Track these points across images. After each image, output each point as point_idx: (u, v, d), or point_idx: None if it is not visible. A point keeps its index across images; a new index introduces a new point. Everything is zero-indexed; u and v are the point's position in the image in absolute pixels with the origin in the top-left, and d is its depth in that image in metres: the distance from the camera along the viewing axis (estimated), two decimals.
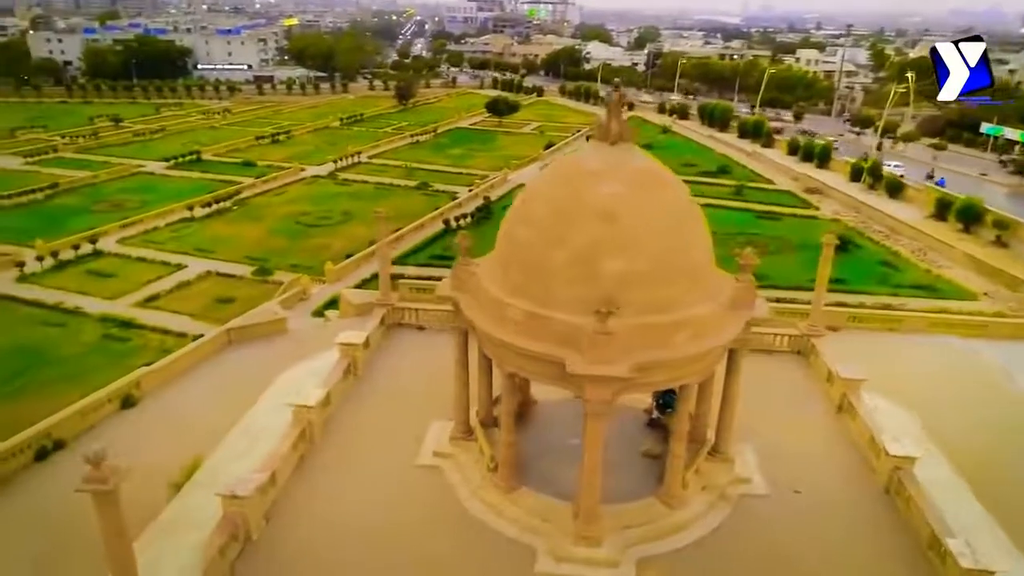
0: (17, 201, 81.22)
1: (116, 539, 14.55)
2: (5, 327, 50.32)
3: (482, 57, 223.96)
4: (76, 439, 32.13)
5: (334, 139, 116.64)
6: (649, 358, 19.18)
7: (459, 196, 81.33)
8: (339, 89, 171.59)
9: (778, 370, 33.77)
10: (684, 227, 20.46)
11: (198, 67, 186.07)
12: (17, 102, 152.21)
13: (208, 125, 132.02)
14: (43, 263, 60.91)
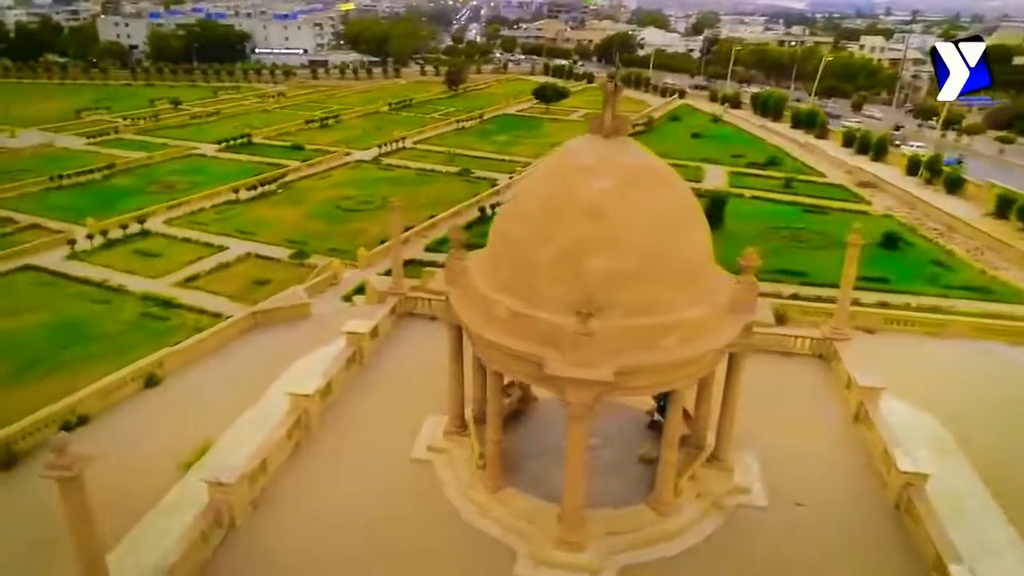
0: (76, 180, 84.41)
1: (81, 524, 14.85)
2: (53, 302, 52.43)
3: (535, 43, 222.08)
4: (100, 415, 33.13)
5: (382, 124, 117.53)
6: (634, 361, 18.48)
7: (499, 183, 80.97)
8: (391, 74, 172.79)
9: (796, 374, 32.44)
10: (677, 225, 19.58)
11: (256, 51, 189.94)
12: (85, 84, 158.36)
13: (262, 108, 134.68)
14: (93, 241, 63.25)
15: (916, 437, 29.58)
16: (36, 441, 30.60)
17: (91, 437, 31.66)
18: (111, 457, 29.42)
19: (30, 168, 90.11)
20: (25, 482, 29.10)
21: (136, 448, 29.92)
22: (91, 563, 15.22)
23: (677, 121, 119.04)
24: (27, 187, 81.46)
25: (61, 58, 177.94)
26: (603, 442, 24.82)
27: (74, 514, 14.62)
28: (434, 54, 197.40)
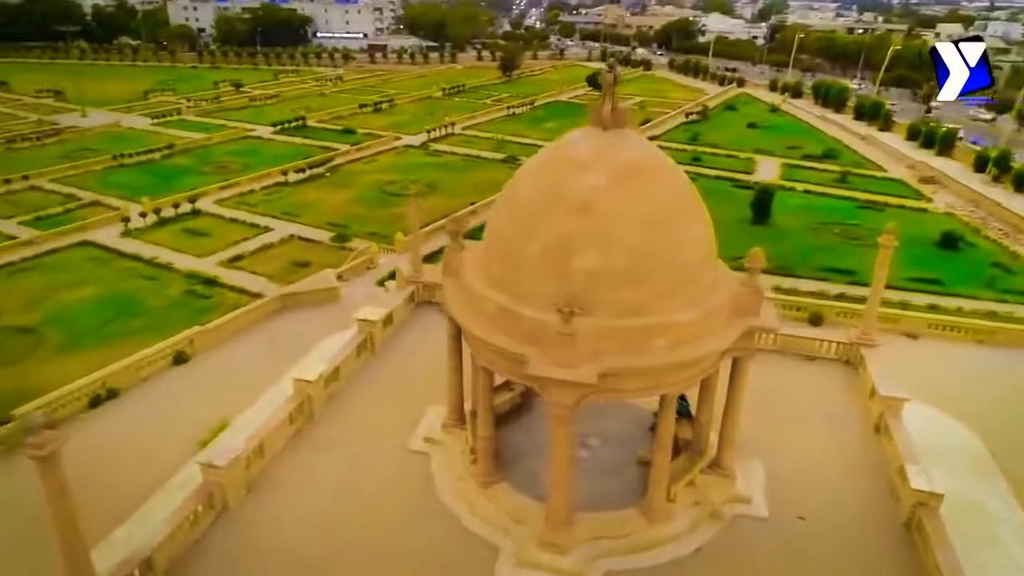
0: (137, 160, 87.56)
1: (58, 500, 15.32)
2: (104, 277, 54.61)
3: (594, 28, 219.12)
4: (129, 390, 34.25)
5: (434, 109, 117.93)
6: (620, 364, 17.84)
7: None
8: (447, 59, 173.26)
9: (818, 380, 31.03)
10: (673, 224, 18.73)
11: (317, 35, 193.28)
12: (154, 66, 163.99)
13: (319, 92, 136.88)
14: (146, 219, 65.51)
15: (950, 451, 28.03)
16: (68, 412, 31.87)
17: (119, 411, 32.85)
18: (134, 433, 30.79)
19: (97, 147, 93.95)
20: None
21: (159, 424, 30.84)
22: (69, 539, 15.70)
23: (733, 110, 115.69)
24: (92, 165, 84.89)
25: (134, 41, 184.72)
26: (602, 442, 24.36)
27: (51, 491, 15.10)
28: (491, 39, 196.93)
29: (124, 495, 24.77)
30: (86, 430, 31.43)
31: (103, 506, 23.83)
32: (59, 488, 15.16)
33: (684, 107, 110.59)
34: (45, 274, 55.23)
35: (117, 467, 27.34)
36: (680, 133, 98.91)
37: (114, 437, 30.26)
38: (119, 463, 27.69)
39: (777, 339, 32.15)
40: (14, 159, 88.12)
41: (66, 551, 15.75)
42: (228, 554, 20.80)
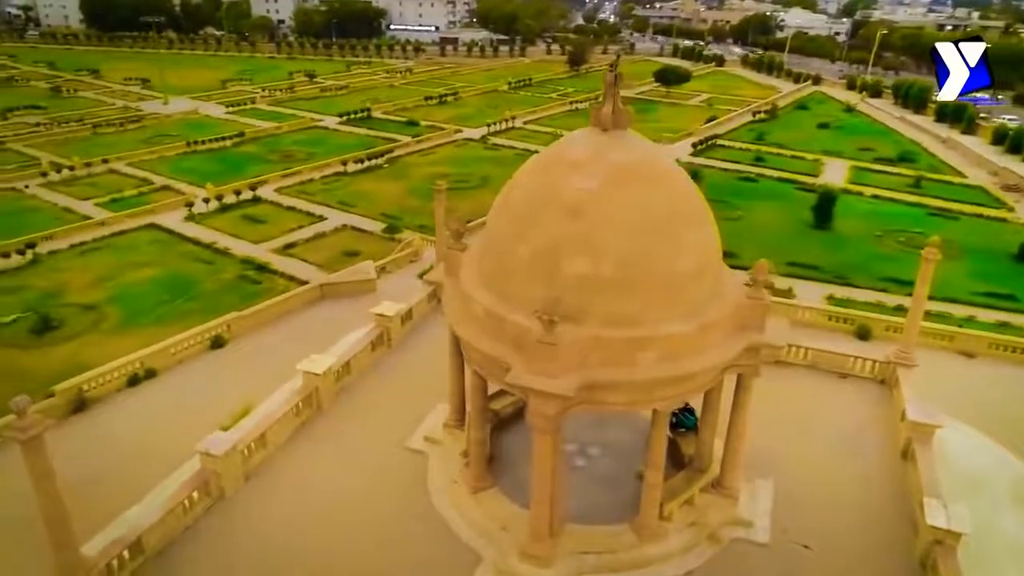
0: (208, 147, 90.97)
1: (42, 480, 15.89)
2: (164, 259, 57.01)
3: (668, 23, 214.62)
4: (166, 371, 35.50)
5: (498, 103, 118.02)
6: (605, 376, 17.13)
7: None
8: (517, 53, 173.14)
9: (849, 399, 29.29)
10: (668, 231, 17.81)
11: (391, 28, 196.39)
12: (235, 56, 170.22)
13: (388, 84, 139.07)
14: (208, 205, 67.99)
15: (996, 483, 26.13)
16: (106, 390, 33.29)
17: (154, 391, 34.09)
18: (165, 413, 31.88)
19: (174, 133, 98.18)
20: (92, 426, 31.76)
21: (189, 407, 31.70)
22: (54, 519, 16.29)
23: (805, 110, 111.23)
24: (166, 151, 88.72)
25: (218, 32, 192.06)
26: (603, 452, 23.67)
27: (36, 471, 15.67)
28: (562, 34, 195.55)
29: (144, 475, 25.65)
30: (122, 408, 32.83)
31: (125, 485, 24.76)
32: (44, 470, 15.74)
33: (752, 105, 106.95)
34: (112, 254, 58.00)
35: (142, 447, 28.31)
36: (745, 132, 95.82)
37: (145, 417, 31.34)
38: (145, 443, 28.67)
39: (808, 354, 30.61)
40: (98, 143, 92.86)
41: (52, 531, 16.36)
42: (221, 541, 21.23)
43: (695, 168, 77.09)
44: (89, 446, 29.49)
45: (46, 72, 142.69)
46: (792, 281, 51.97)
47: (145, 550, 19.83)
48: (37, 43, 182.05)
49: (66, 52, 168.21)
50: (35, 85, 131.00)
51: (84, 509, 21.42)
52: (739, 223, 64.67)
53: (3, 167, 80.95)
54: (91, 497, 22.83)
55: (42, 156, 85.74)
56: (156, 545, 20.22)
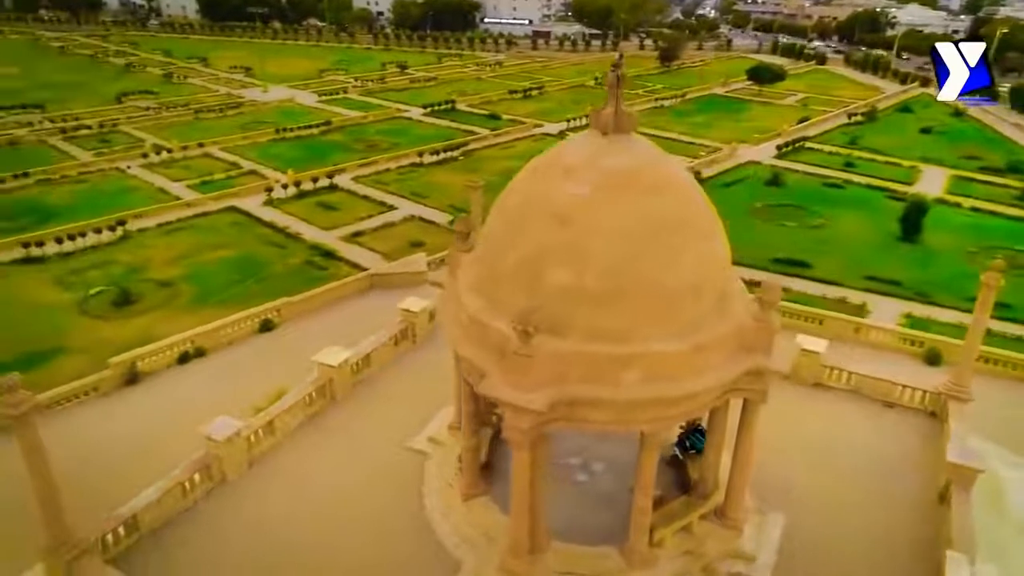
0: (297, 134, 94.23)
1: (32, 455, 16.70)
2: (240, 241, 59.57)
3: (770, 19, 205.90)
4: (215, 351, 36.96)
5: (582, 98, 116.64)
6: (584, 394, 16.26)
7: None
8: (609, 47, 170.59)
9: (892, 430, 26.91)
10: (664, 243, 16.69)
11: (484, 20, 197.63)
12: (334, 46, 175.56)
13: (476, 76, 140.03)
14: (287, 191, 70.52)
15: None
16: (158, 365, 35.00)
17: (200, 369, 35.53)
18: (207, 392, 33.12)
19: (268, 120, 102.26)
20: (143, 397, 33.46)
21: (230, 387, 32.75)
22: (44, 491, 17.09)
23: (908, 112, 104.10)
24: (258, 137, 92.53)
25: (320, 23, 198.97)
26: (607, 468, 22.72)
27: (26, 446, 16.51)
28: (657, 28, 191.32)
29: (178, 454, 26.75)
30: (170, 385, 34.36)
31: (163, 462, 25.86)
32: (33, 445, 16.56)
33: (849, 107, 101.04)
34: (194, 234, 61.06)
35: (182, 425, 29.53)
36: (838, 135, 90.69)
37: (188, 395, 32.57)
38: (186, 421, 29.91)
39: (851, 378, 28.47)
40: (197, 127, 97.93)
41: (42, 506, 17.23)
42: (217, 525, 21.80)
43: (777, 171, 73.81)
44: (135, 420, 31.00)
45: (161, 59, 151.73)
46: (868, 296, 48.89)
47: (140, 528, 20.64)
48: (157, 32, 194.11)
49: (181, 40, 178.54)
50: (150, 71, 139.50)
51: (118, 484, 22.60)
52: (819, 231, 61.45)
53: (112, 148, 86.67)
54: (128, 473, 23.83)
55: (147, 138, 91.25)
56: (152, 524, 21.01)
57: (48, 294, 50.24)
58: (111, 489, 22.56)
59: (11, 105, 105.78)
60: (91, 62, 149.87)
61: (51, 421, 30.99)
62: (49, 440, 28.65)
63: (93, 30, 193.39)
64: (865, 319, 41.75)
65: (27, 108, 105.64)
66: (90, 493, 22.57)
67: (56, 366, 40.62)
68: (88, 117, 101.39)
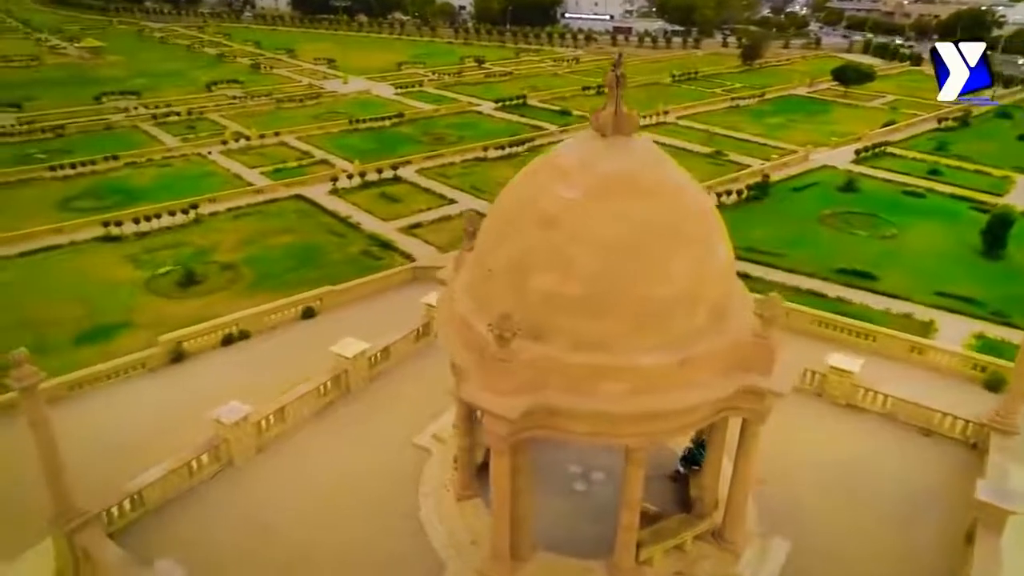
0: (369, 125, 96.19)
1: (37, 427, 17.62)
2: (302, 228, 61.42)
3: (865, 16, 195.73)
4: (258, 334, 38.19)
5: (656, 95, 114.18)
6: (563, 403, 15.75)
7: (748, 169, 74.88)
8: (690, 44, 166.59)
9: (922, 460, 24.95)
10: (653, 251, 15.88)
11: (565, 16, 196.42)
12: (415, 40, 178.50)
13: (552, 72, 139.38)
14: (351, 180, 72.15)
15: None
16: (202, 345, 36.47)
17: (242, 351, 36.83)
18: (247, 372, 34.22)
19: (344, 111, 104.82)
20: (187, 375, 34.93)
21: (266, 371, 33.67)
22: (49, 460, 18.02)
23: (1006, 119, 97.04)
24: (331, 128, 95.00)
25: (404, 16, 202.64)
26: (608, 478, 22.08)
27: (31, 417, 17.44)
28: (742, 26, 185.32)
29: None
30: (215, 363, 35.75)
31: (186, 439, 26.88)
32: (38, 418, 17.48)
33: (942, 111, 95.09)
34: (260, 220, 63.28)
35: (213, 405, 30.65)
36: (924, 141, 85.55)
37: (223, 376, 33.70)
38: (216, 401, 31.01)
39: (888, 401, 26.71)
40: (277, 117, 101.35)
41: (47, 476, 18.20)
42: (220, 506, 22.49)
43: (852, 177, 70.39)
44: (184, 392, 32.30)
45: (251, 50, 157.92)
46: (937, 313, 45.94)
47: (146, 504, 21.55)
48: (250, 24, 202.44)
49: (271, 32, 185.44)
50: (240, 62, 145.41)
51: (144, 460, 23.63)
52: (890, 242, 58.20)
53: (197, 134, 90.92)
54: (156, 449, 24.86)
55: (230, 125, 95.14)
56: (157, 501, 21.90)
57: (121, 271, 53.11)
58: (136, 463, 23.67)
59: (111, 91, 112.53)
60: (187, 52, 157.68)
61: (98, 393, 32.96)
62: (93, 411, 30.80)
63: (192, 22, 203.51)
64: (928, 338, 39.27)
65: (125, 94, 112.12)
66: (115, 465, 23.76)
67: (121, 340, 42.88)
68: (178, 104, 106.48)
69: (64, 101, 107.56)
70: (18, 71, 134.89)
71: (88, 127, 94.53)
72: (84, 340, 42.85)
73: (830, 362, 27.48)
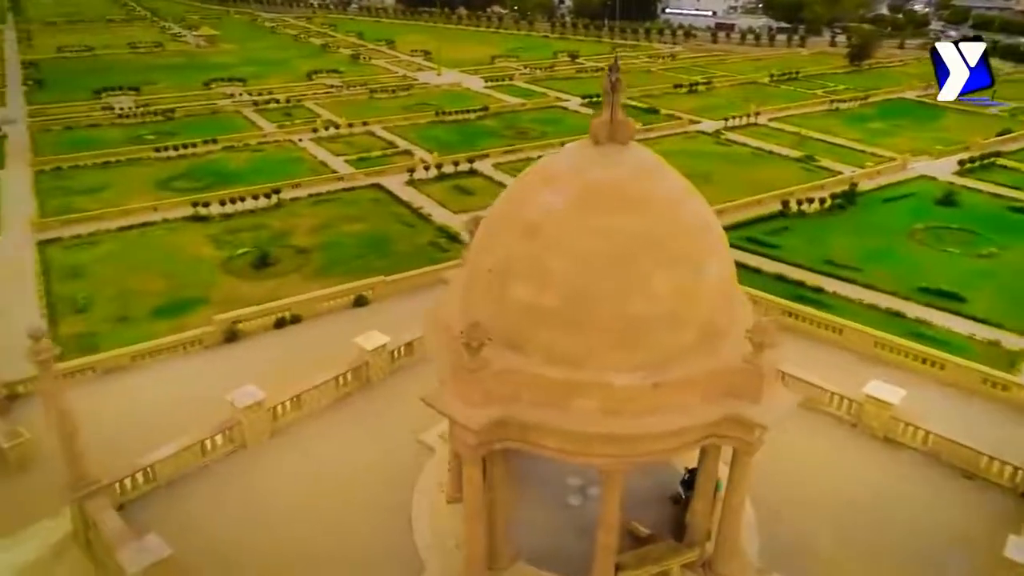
0: (454, 118, 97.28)
1: (51, 399, 18.80)
2: (375, 217, 62.97)
3: (994, 15, 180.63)
4: (309, 319, 39.53)
5: (752, 95, 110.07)
6: (533, 417, 15.30)
7: (839, 176, 71.06)
8: (795, 43, 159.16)
9: (959, 506, 22.73)
10: (637, 267, 15.04)
11: (666, 11, 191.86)
12: (512, 34, 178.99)
13: (646, 68, 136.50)
14: (428, 172, 73.28)
15: None
16: (256, 327, 38.10)
17: (290, 333, 38.28)
18: (294, 354, 35.35)
19: (433, 103, 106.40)
20: (241, 354, 36.58)
21: (306, 353, 34.82)
22: (64, 431, 19.22)
23: None
24: (418, 119, 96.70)
25: (502, 10, 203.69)
26: None
27: (47, 389, 18.66)
28: (855, 23, 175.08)
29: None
30: (259, 347, 37.14)
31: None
32: (53, 389, 18.68)
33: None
34: (337, 207, 65.31)
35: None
36: None
37: (270, 357, 35.04)
38: (257, 379, 32.16)
39: (929, 438, 24.61)
40: (370, 107, 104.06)
41: (62, 446, 19.46)
42: (228, 485, 23.46)
43: (951, 189, 65.41)
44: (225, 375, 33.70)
45: (354, 41, 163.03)
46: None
47: (158, 478, 22.72)
48: (355, 15, 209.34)
49: (374, 24, 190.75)
50: (341, 52, 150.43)
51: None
52: (987, 262, 53.69)
53: (293, 121, 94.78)
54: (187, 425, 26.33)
55: (323, 114, 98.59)
56: (170, 476, 23.04)
57: (204, 250, 56.15)
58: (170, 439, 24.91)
59: (220, 78, 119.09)
60: (294, 41, 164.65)
61: (157, 365, 34.99)
62: (144, 384, 32.66)
63: (302, 12, 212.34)
64: (1014, 372, 35.98)
65: (232, 81, 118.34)
66: (151, 438, 25.16)
67: (194, 316, 45.31)
68: (279, 92, 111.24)
69: (178, 86, 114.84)
70: (142, 56, 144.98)
71: (196, 111, 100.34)
72: (162, 313, 45.63)
73: (868, 391, 25.57)
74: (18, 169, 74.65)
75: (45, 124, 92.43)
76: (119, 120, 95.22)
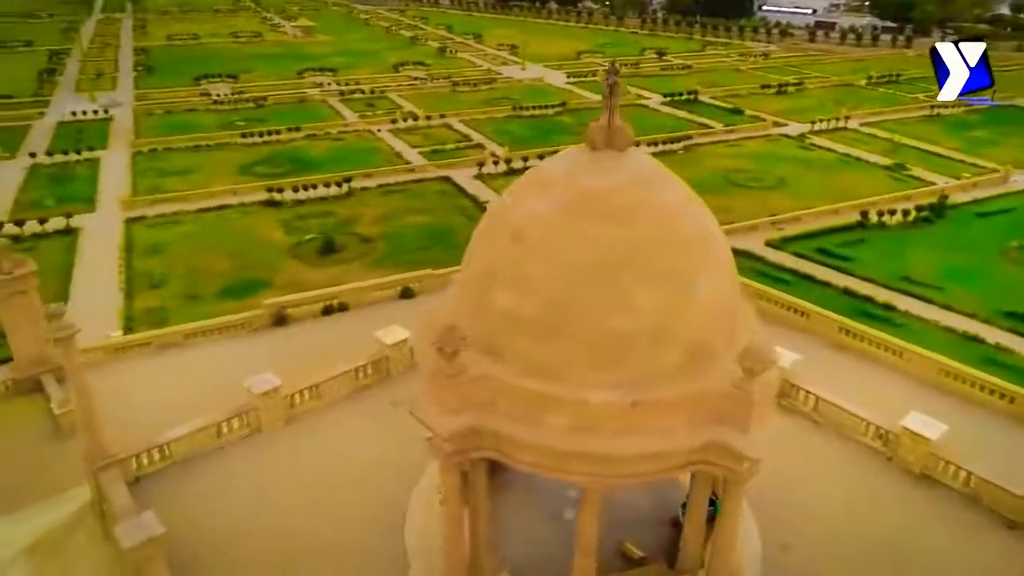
0: (532, 113, 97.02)
1: (73, 374, 19.76)
2: (441, 209, 63.70)
3: None
4: (356, 308, 40.23)
5: (847, 98, 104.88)
6: (506, 429, 14.76)
7: (933, 186, 66.75)
8: (901, 43, 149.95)
9: (992, 555, 20.53)
10: (621, 279, 14.18)
11: (763, 8, 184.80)
12: (601, 29, 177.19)
13: (735, 67, 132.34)
14: (497, 166, 73.44)
15: None
16: (304, 313, 39.08)
17: (336, 321, 39.05)
18: (334, 339, 36.04)
19: (512, 97, 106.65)
20: (286, 337, 37.68)
21: (344, 342, 35.30)
22: (83, 405, 20.19)
23: None
24: (496, 113, 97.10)
25: (593, 5, 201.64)
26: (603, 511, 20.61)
27: (69, 364, 19.62)
28: (970, 24, 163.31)
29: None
30: (305, 333, 38.04)
31: None
32: (75, 365, 19.61)
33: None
34: (405, 198, 66.48)
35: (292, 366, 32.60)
36: None
37: (313, 342, 35.84)
38: (307, 361, 32.93)
39: (971, 480, 22.51)
40: (451, 100, 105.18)
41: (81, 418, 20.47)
42: (239, 467, 24.10)
43: None
44: (287, 351, 34.82)
45: (442, 34, 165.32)
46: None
47: (173, 455, 23.62)
48: (446, 9, 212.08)
49: (464, 17, 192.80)
50: (429, 44, 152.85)
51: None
52: None
53: (375, 111, 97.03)
54: None
55: (405, 105, 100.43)
56: (184, 454, 23.90)
57: (274, 234, 58.29)
58: None
59: (312, 68, 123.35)
60: (385, 33, 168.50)
61: (208, 344, 36.42)
62: (189, 361, 34.05)
63: (395, 5, 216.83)
64: None
65: (323, 71, 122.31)
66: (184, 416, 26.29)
67: (258, 297, 46.94)
68: (366, 83, 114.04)
69: (272, 75, 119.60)
70: (243, 45, 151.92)
71: (285, 99, 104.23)
72: (228, 293, 47.70)
73: (905, 423, 23.62)
74: (119, 150, 79.79)
75: (148, 108, 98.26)
76: (214, 106, 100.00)
